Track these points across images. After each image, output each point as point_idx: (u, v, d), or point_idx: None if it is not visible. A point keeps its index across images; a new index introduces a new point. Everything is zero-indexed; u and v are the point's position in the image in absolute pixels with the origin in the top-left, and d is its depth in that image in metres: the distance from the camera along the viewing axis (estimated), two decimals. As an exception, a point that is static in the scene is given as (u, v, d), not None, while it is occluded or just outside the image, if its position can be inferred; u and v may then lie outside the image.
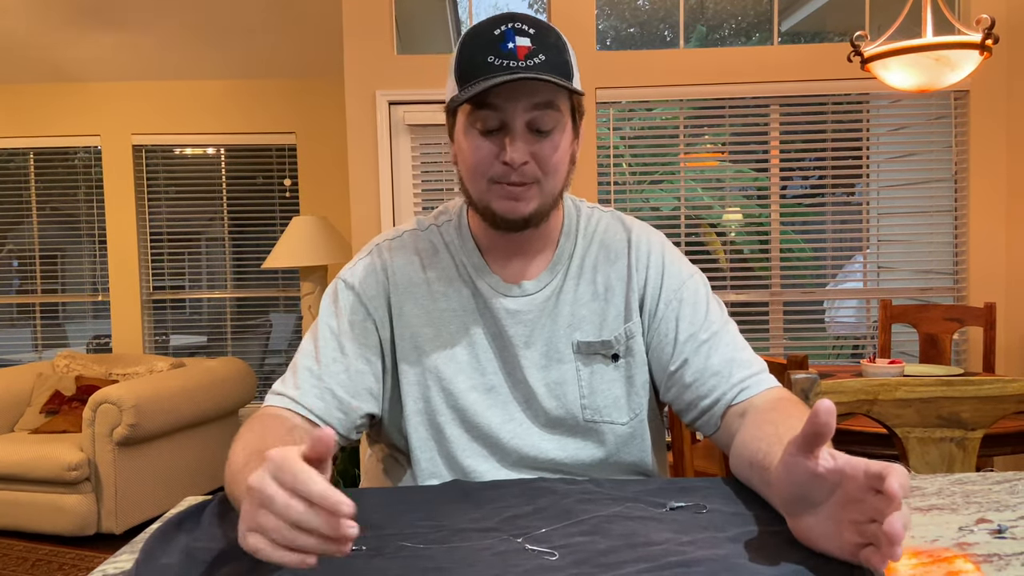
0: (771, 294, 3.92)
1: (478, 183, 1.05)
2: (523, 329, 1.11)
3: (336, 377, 1.08)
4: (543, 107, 1.01)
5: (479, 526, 0.85)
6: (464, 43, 1.03)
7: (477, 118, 1.02)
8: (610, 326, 1.13)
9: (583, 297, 1.14)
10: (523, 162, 1.01)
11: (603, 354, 1.12)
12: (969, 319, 3.28)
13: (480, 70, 0.99)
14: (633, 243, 1.16)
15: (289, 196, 4.96)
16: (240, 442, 0.92)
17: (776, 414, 0.97)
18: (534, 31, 1.01)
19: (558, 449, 1.11)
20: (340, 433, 1.07)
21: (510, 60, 0.98)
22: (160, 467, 3.74)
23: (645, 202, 4.29)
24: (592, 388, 1.11)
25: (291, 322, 5.12)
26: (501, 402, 1.11)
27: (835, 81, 3.76)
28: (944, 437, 1.29)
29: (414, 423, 1.11)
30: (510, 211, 1.04)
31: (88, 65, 4.69)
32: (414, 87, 3.81)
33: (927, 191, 3.89)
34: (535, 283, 1.13)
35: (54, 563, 3.26)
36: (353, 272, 1.15)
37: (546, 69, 0.98)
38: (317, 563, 0.64)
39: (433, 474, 1.11)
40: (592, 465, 1.12)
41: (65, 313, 5.12)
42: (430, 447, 1.11)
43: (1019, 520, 0.85)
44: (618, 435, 1.12)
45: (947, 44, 2.44)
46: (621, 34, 6.16)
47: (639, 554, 0.75)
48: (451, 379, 1.10)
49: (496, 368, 1.11)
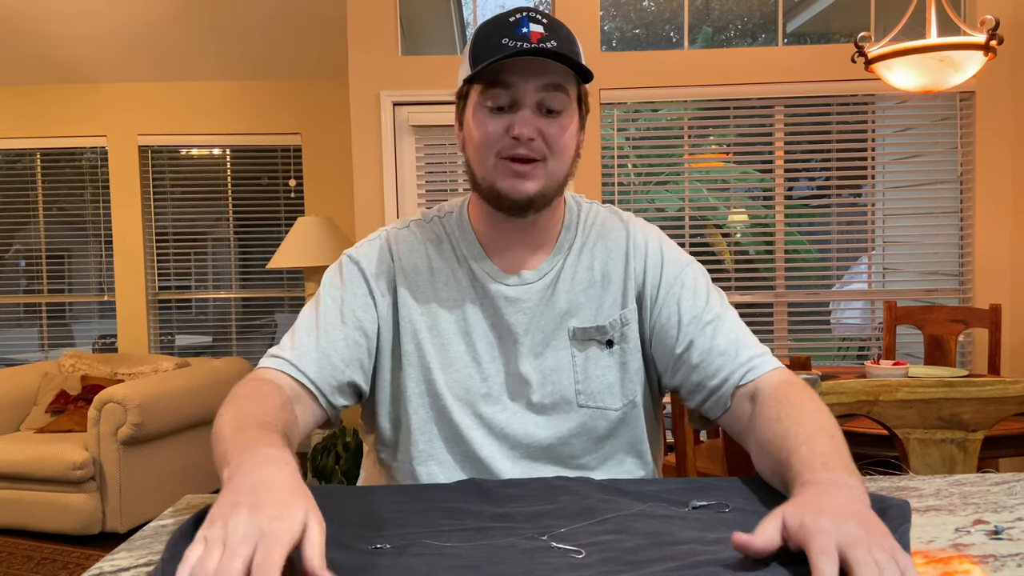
0: (775, 295, 3.92)
1: (485, 159, 1.07)
2: (521, 317, 1.13)
3: (334, 344, 1.09)
4: (553, 88, 1.04)
5: (502, 524, 0.84)
6: (478, 31, 1.08)
7: (488, 96, 1.05)
8: (606, 312, 1.14)
9: (580, 284, 1.15)
10: (531, 137, 1.03)
11: (598, 340, 1.13)
12: (974, 321, 3.27)
13: (494, 50, 1.02)
14: (631, 233, 1.18)
15: (294, 197, 4.97)
16: (231, 406, 0.93)
17: (780, 406, 0.98)
18: (547, 21, 1.05)
19: (552, 435, 1.12)
20: (327, 399, 1.08)
21: (523, 42, 1.01)
22: (165, 466, 3.75)
23: (650, 203, 4.29)
24: (587, 374, 1.13)
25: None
26: (495, 391, 1.12)
27: (840, 82, 3.76)
28: (945, 439, 1.29)
29: (415, 405, 1.12)
30: (515, 189, 1.06)
31: (95, 66, 4.71)
32: (418, 88, 3.82)
33: (932, 192, 3.88)
34: (535, 272, 1.14)
35: (59, 562, 3.27)
36: (359, 250, 1.17)
37: (558, 54, 1.02)
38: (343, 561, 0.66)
39: (431, 456, 1.12)
40: (585, 449, 1.14)
41: (71, 313, 5.14)
42: (430, 429, 1.12)
43: (1016, 521, 0.84)
44: (611, 420, 1.14)
45: (951, 45, 2.44)
46: (627, 35, 6.16)
47: (666, 553, 0.74)
48: (450, 364, 1.12)
49: (494, 355, 1.13)
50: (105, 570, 0.78)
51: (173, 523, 0.91)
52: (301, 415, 1.04)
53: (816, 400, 0.99)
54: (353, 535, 0.82)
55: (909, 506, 0.83)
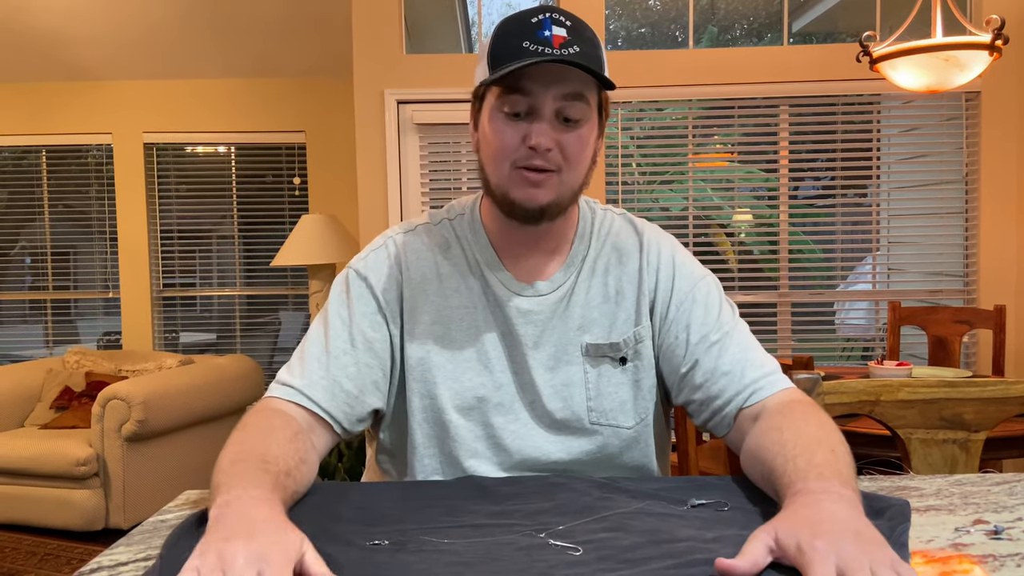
0: (779, 295, 3.91)
1: (500, 168, 1.04)
2: (533, 329, 1.10)
3: (345, 370, 1.06)
4: (573, 98, 1.01)
5: (500, 521, 0.84)
6: (499, 29, 1.03)
7: (505, 102, 1.02)
8: (619, 329, 1.12)
9: (594, 299, 1.13)
10: (548, 148, 1.01)
11: (611, 357, 1.11)
12: (979, 322, 3.26)
13: (514, 54, 0.98)
14: (644, 246, 1.15)
15: (298, 194, 4.98)
16: (237, 436, 0.92)
17: (783, 419, 0.96)
18: (570, 23, 1.01)
19: (561, 451, 1.10)
20: (344, 427, 1.06)
21: (545, 47, 0.98)
22: (168, 463, 3.76)
23: (654, 202, 4.29)
24: (599, 391, 1.10)
25: (300, 320, 5.14)
26: (507, 401, 1.10)
27: (846, 82, 3.75)
28: (947, 439, 1.29)
29: (418, 420, 1.10)
30: (528, 199, 1.03)
31: (100, 64, 4.72)
32: (423, 86, 3.82)
33: (937, 193, 3.87)
34: (548, 284, 1.12)
35: (62, 557, 3.28)
36: (365, 263, 1.14)
37: (580, 60, 0.98)
38: (340, 557, 0.68)
39: (436, 470, 1.10)
40: (595, 468, 1.11)
41: (76, 310, 5.16)
42: (432, 444, 1.10)
43: (1016, 521, 0.84)
44: (623, 438, 1.11)
45: (957, 44, 2.43)
46: (632, 34, 6.15)
47: (664, 550, 0.74)
48: (458, 376, 1.09)
49: (504, 367, 1.10)
50: (104, 564, 0.78)
51: (173, 518, 0.92)
52: (318, 442, 1.02)
53: (822, 416, 0.97)
54: (351, 531, 0.82)
55: (909, 506, 0.83)
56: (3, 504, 3.60)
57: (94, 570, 0.76)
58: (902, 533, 0.76)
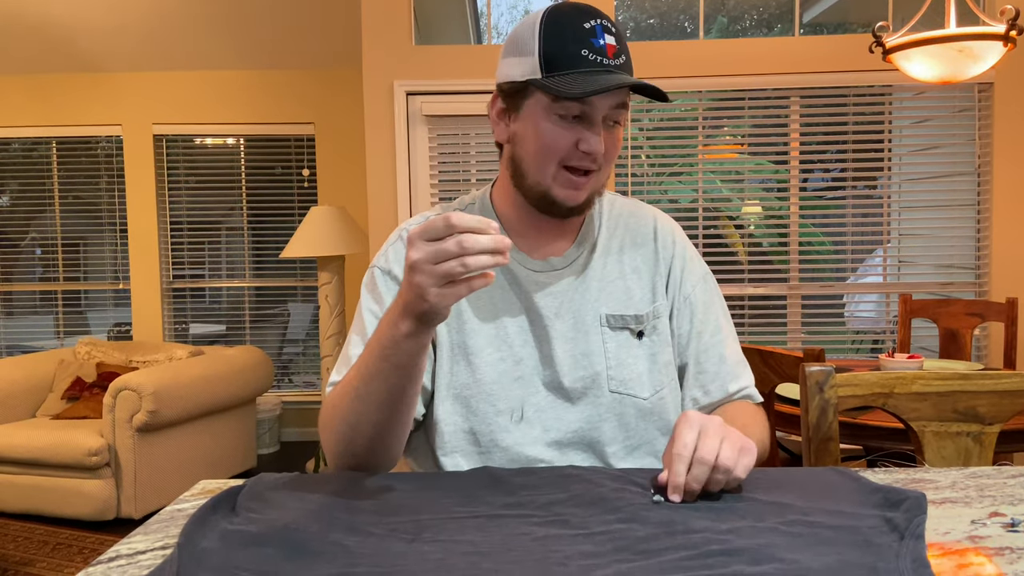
0: (789, 288, 3.90)
1: (546, 166, 1.09)
2: (552, 301, 1.15)
3: None
4: (622, 107, 1.08)
5: (515, 512, 0.85)
6: (549, 27, 1.06)
7: (562, 106, 1.05)
8: (636, 304, 1.17)
9: (611, 275, 1.18)
10: (602, 153, 1.08)
11: (631, 328, 1.16)
12: (990, 314, 3.24)
13: (573, 62, 1.04)
14: (659, 232, 1.23)
15: (307, 186, 4.98)
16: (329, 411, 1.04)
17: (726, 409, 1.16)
18: (615, 29, 1.08)
19: (581, 421, 1.12)
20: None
21: (602, 57, 1.04)
22: (179, 453, 3.78)
23: (663, 194, 4.27)
24: (619, 360, 1.14)
25: (309, 312, 5.16)
26: (528, 374, 1.13)
27: (857, 73, 3.72)
28: (961, 431, 1.28)
29: (441, 396, 1.13)
30: (569, 199, 1.10)
31: (110, 55, 4.73)
32: (432, 78, 3.81)
33: (949, 185, 3.85)
34: (562, 259, 1.17)
35: (74, 547, 3.30)
36: (387, 258, 1.18)
37: (627, 70, 1.06)
38: (357, 547, 0.74)
39: (456, 448, 1.12)
40: (614, 436, 1.13)
41: (86, 301, 5.18)
42: (455, 421, 1.12)
43: (1033, 514, 0.84)
44: (640, 409, 1.14)
45: (970, 35, 2.41)
46: (641, 25, 6.13)
47: (679, 542, 0.75)
48: (479, 352, 1.13)
49: (525, 340, 1.14)
50: (122, 553, 0.78)
51: (189, 507, 0.92)
52: None
53: (763, 423, 1.16)
54: (367, 521, 0.82)
55: (925, 498, 0.83)
56: (15, 494, 3.63)
57: (112, 558, 0.77)
58: (918, 525, 0.76)
